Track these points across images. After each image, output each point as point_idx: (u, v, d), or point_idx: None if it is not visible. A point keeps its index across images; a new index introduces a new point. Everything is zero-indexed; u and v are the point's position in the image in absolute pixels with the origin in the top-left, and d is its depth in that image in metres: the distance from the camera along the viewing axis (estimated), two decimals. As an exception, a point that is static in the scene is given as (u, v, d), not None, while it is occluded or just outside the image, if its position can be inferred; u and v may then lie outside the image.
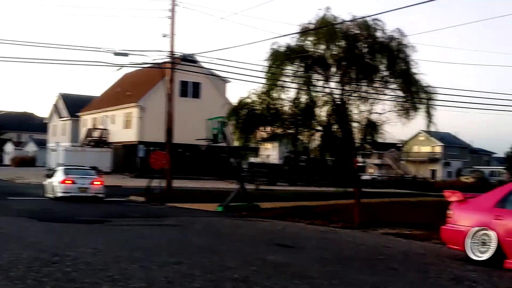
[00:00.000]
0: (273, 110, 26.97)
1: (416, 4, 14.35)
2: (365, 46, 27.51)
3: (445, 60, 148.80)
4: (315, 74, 28.29)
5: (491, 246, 8.97)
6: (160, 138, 29.32)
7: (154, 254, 8.56)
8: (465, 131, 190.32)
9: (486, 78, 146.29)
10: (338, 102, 28.08)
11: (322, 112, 28.55)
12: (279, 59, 27.09)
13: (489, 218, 9.17)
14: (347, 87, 28.26)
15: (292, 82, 27.78)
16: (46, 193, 22.61)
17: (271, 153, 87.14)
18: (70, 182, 21.36)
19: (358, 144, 29.07)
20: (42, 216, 14.76)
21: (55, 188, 21.60)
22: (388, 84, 28.24)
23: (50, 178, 22.88)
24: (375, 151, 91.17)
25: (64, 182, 21.33)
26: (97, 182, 22.06)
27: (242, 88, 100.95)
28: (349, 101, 28.41)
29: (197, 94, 45.96)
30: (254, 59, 66.79)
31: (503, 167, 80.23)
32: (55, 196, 21.38)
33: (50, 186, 22.28)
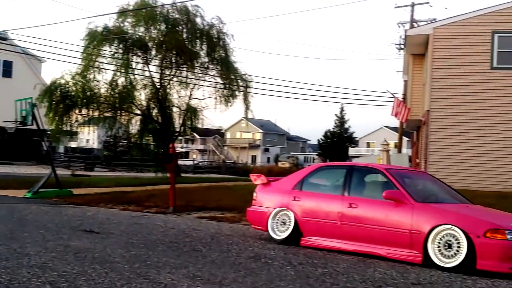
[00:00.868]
0: (89, 92, 26.10)
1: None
2: (185, 31, 27.84)
3: (263, 50, 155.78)
4: (135, 57, 27.97)
5: (290, 225, 9.64)
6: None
7: None
8: (283, 119, 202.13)
9: (304, 69, 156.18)
10: (158, 86, 28.08)
11: (142, 96, 28.41)
12: (96, 40, 26.26)
13: (288, 199, 9.84)
14: (167, 72, 28.40)
15: (110, 64, 27.10)
16: None
17: (90, 137, 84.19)
18: None
19: (178, 129, 29.39)
20: None
21: None
22: (208, 70, 28.94)
23: None
24: (199, 137, 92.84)
25: None
26: None
27: (61, 68, 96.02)
28: (169, 85, 28.61)
29: (9, 73, 42.79)
30: (72, 39, 63.65)
31: (316, 153, 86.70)
32: None
33: None
